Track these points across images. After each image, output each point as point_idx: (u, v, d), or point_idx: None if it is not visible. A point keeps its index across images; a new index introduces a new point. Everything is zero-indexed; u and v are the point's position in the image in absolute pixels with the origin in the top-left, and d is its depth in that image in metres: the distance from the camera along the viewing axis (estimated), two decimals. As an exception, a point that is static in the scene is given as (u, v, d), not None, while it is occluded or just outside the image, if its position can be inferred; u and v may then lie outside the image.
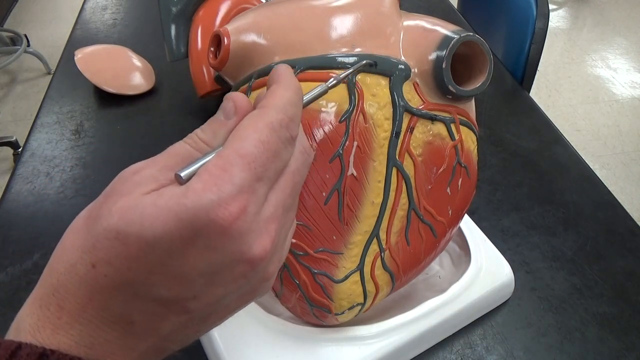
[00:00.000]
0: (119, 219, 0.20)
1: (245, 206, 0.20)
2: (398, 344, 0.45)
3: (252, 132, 0.22)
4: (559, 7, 2.93)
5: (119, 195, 0.21)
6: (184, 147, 0.23)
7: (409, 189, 0.40)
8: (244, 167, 0.21)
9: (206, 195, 0.20)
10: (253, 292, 0.24)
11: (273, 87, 0.24)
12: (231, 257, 0.21)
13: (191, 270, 0.21)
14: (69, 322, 0.20)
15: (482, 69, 0.40)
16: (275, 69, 0.25)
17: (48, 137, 0.74)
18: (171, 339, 0.23)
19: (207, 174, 0.20)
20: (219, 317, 0.24)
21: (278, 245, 0.23)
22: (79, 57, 0.80)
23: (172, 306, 0.21)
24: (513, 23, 0.98)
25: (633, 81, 2.33)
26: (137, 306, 0.21)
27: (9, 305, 0.52)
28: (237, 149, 0.21)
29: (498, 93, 0.85)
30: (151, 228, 0.19)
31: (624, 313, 0.53)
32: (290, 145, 0.23)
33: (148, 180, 0.21)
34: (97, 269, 0.20)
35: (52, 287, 0.21)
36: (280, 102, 0.23)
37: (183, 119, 0.77)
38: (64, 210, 0.63)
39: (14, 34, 2.36)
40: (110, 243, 0.20)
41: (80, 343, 0.20)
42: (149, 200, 0.20)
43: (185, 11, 0.70)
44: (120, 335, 0.21)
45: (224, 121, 0.23)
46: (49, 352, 0.20)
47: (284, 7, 0.41)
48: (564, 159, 0.72)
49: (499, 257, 0.53)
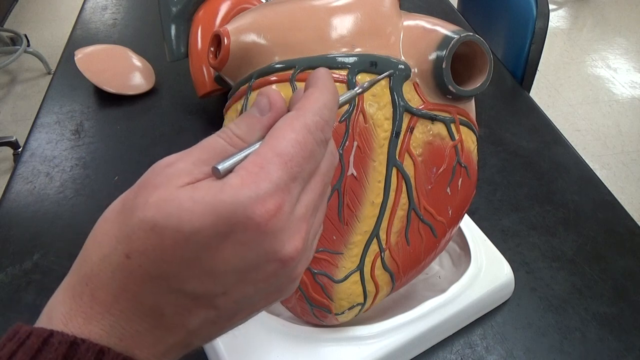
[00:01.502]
0: (155, 211, 0.20)
1: (281, 205, 0.21)
2: (398, 344, 0.45)
3: (290, 132, 0.22)
4: (559, 7, 2.93)
5: (153, 187, 0.21)
6: (218, 141, 0.23)
7: (409, 189, 0.40)
8: (281, 166, 0.21)
9: (244, 191, 0.20)
10: (279, 291, 0.24)
11: (311, 89, 0.25)
12: (264, 255, 0.21)
13: (224, 266, 0.21)
14: (101, 312, 0.21)
15: (482, 69, 0.40)
16: (315, 71, 0.26)
17: (48, 137, 0.74)
18: (197, 335, 0.23)
19: (245, 170, 0.20)
20: (244, 315, 0.24)
21: (307, 246, 0.24)
22: (79, 57, 0.80)
23: (202, 301, 0.22)
24: (513, 23, 0.98)
25: (633, 81, 2.33)
26: (169, 299, 0.21)
27: (9, 305, 0.52)
28: (275, 148, 0.21)
29: (498, 93, 0.85)
30: (189, 222, 0.19)
31: (624, 313, 0.53)
32: (323, 147, 0.24)
33: (182, 173, 0.21)
34: (132, 259, 0.20)
35: (85, 277, 0.21)
36: (317, 105, 0.23)
37: (183, 119, 0.78)
38: (64, 210, 0.63)
39: (14, 34, 2.36)
40: (146, 235, 0.20)
41: (111, 334, 0.21)
42: (186, 193, 0.20)
43: (185, 11, 0.70)
44: (150, 327, 0.21)
45: (259, 117, 0.23)
46: (79, 341, 0.20)
47: (284, 7, 0.41)
48: (564, 159, 0.72)
49: (499, 257, 0.53)
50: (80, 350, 0.20)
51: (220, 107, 0.78)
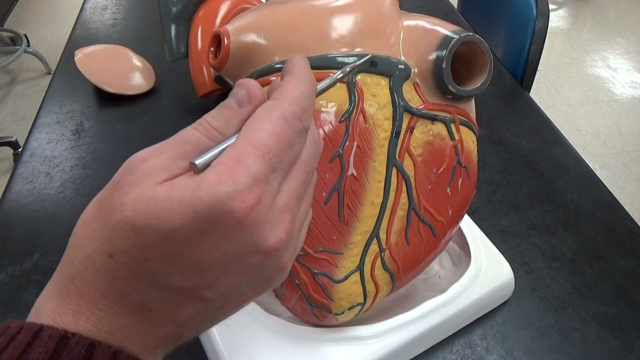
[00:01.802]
0: (133, 211, 0.20)
1: (260, 197, 0.21)
2: (398, 344, 0.45)
3: (267, 123, 0.22)
4: (559, 7, 2.93)
5: (129, 185, 0.20)
6: (195, 134, 0.22)
7: (409, 189, 0.40)
8: (258, 159, 0.21)
9: (221, 187, 0.20)
10: (268, 281, 0.24)
11: (287, 78, 0.24)
12: (246, 248, 0.21)
13: (207, 261, 0.21)
14: (89, 308, 0.21)
15: (482, 69, 0.40)
16: (290, 59, 0.25)
17: (48, 137, 0.74)
18: (187, 326, 0.23)
19: (222, 165, 0.20)
20: (234, 306, 0.24)
21: (293, 235, 0.24)
22: (79, 57, 0.80)
23: (188, 295, 0.22)
24: (513, 23, 0.98)
25: (633, 81, 2.33)
26: (155, 294, 0.21)
27: (9, 305, 0.52)
28: (252, 140, 0.21)
29: (498, 93, 0.85)
30: (168, 221, 0.19)
31: (624, 313, 0.53)
32: (302, 136, 0.23)
33: (158, 169, 0.21)
34: (115, 258, 0.20)
35: (70, 276, 0.21)
36: (294, 94, 0.23)
37: (183, 119, 0.77)
38: (64, 210, 0.63)
39: (14, 34, 2.36)
40: (127, 235, 0.20)
41: (101, 328, 0.21)
42: (163, 192, 0.20)
43: (185, 11, 0.70)
44: (138, 321, 0.21)
45: (237, 109, 0.23)
46: (70, 335, 0.20)
47: (284, 7, 0.41)
48: (564, 159, 0.72)
49: (499, 257, 0.53)
50: (70, 343, 0.20)
51: (220, 107, 0.77)
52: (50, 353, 0.19)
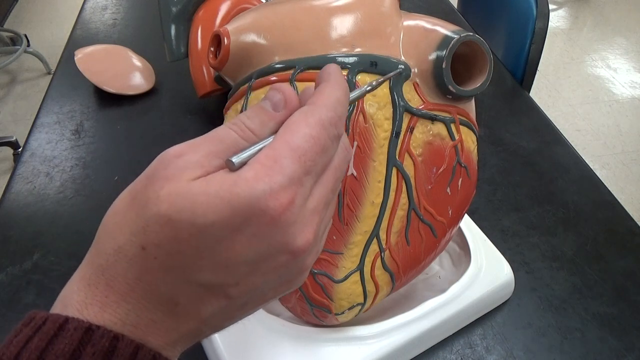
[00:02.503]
0: (169, 205, 0.20)
1: (294, 198, 0.21)
2: (398, 344, 0.45)
3: (304, 127, 0.22)
4: (559, 7, 2.93)
5: (164, 179, 0.21)
6: (230, 133, 0.22)
7: (409, 189, 0.40)
8: (295, 160, 0.21)
9: (258, 184, 0.20)
10: (289, 282, 0.25)
11: (323, 85, 0.25)
12: (276, 247, 0.21)
13: (237, 257, 0.21)
14: (117, 301, 0.21)
15: (482, 69, 0.40)
16: (326, 67, 0.26)
17: (48, 137, 0.74)
18: (209, 323, 0.23)
19: (259, 164, 0.21)
20: (254, 305, 0.25)
21: (318, 239, 0.24)
22: (79, 57, 0.80)
23: (215, 290, 0.22)
24: (513, 23, 0.98)
25: (633, 81, 2.33)
26: (183, 289, 0.21)
27: (9, 305, 0.52)
28: (289, 142, 0.21)
29: (498, 93, 0.85)
30: (203, 216, 0.20)
31: (624, 313, 0.53)
32: (336, 142, 0.24)
33: (193, 165, 0.21)
34: (147, 251, 0.21)
35: (100, 267, 0.21)
36: (330, 101, 0.24)
37: (183, 119, 0.78)
38: (64, 210, 0.63)
39: (14, 34, 2.36)
40: (161, 228, 0.20)
41: (126, 321, 0.21)
42: (199, 187, 0.20)
43: (185, 11, 0.70)
44: (164, 316, 0.22)
45: (273, 113, 0.23)
46: (94, 328, 0.20)
47: (284, 7, 0.41)
48: (564, 159, 0.72)
49: (499, 257, 0.53)
50: (95, 336, 0.20)
51: (220, 107, 0.77)
52: (75, 345, 0.20)
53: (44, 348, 0.19)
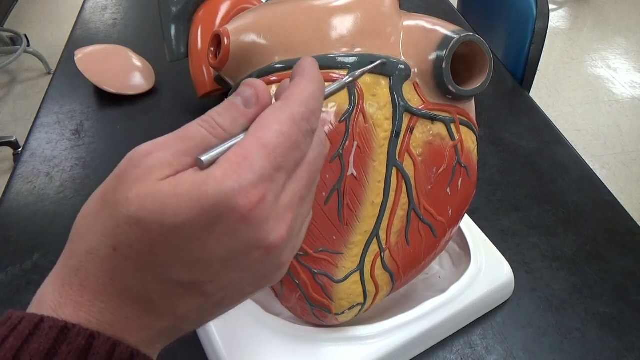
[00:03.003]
0: (138, 206, 0.20)
1: (265, 194, 0.21)
2: (398, 344, 0.45)
3: (275, 123, 0.22)
4: (559, 7, 2.93)
5: (132, 180, 0.21)
6: (200, 131, 0.22)
7: (409, 189, 0.40)
8: (265, 157, 0.21)
9: (227, 182, 0.20)
10: (267, 277, 0.25)
11: (297, 79, 0.25)
12: (248, 243, 0.21)
13: (209, 255, 0.21)
14: (91, 300, 0.21)
15: (482, 69, 0.40)
16: (300, 61, 0.26)
17: (48, 137, 0.74)
18: (187, 320, 0.23)
19: (228, 162, 0.20)
20: (233, 301, 0.25)
21: (293, 234, 0.24)
22: (79, 57, 0.80)
23: (189, 288, 0.22)
24: (513, 23, 0.98)
25: (633, 81, 2.33)
26: (157, 287, 0.21)
27: (9, 305, 0.52)
28: (259, 139, 0.21)
29: (498, 93, 0.85)
30: (173, 216, 0.20)
31: (624, 313, 0.53)
32: (309, 137, 0.24)
33: (162, 165, 0.21)
34: (119, 251, 0.21)
35: (73, 268, 0.21)
36: (303, 95, 0.24)
37: (183, 119, 0.77)
38: (64, 210, 0.63)
39: (14, 34, 2.36)
40: (131, 229, 0.20)
41: (101, 320, 0.21)
42: (168, 187, 0.20)
43: (185, 11, 0.70)
44: (139, 313, 0.22)
45: (244, 109, 0.23)
46: (70, 326, 0.20)
47: (284, 7, 0.41)
48: (564, 159, 0.72)
49: (499, 257, 0.53)
50: (70, 334, 0.20)
51: (220, 107, 0.77)
52: (51, 343, 0.20)
53: (19, 347, 0.19)
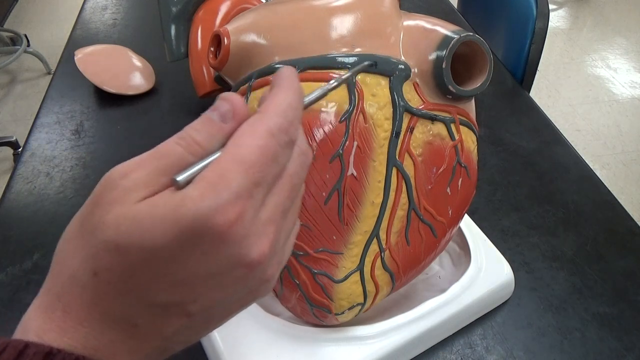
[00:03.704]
0: (115, 230, 0.20)
1: (243, 212, 0.20)
2: (398, 344, 0.45)
3: (251, 138, 0.21)
4: (559, 7, 2.93)
5: (109, 202, 0.20)
6: (176, 149, 0.22)
7: (409, 189, 0.40)
8: (241, 173, 0.20)
9: (204, 202, 0.19)
10: (253, 293, 0.24)
11: (274, 90, 0.24)
12: (229, 262, 0.21)
13: (191, 276, 0.21)
14: (74, 325, 0.21)
15: (482, 69, 0.40)
16: (279, 71, 0.25)
17: (48, 137, 0.74)
18: (174, 340, 0.23)
19: (204, 181, 0.20)
20: (220, 319, 0.24)
21: (277, 248, 0.23)
22: (79, 57, 0.80)
23: (173, 310, 0.22)
24: (513, 23, 0.98)
25: (633, 81, 2.33)
26: (140, 310, 0.21)
27: (9, 305, 0.52)
28: (235, 155, 0.21)
29: (498, 93, 0.85)
30: (151, 239, 0.19)
31: (624, 313, 0.53)
32: (288, 149, 0.23)
33: (138, 186, 0.21)
34: (99, 276, 0.20)
35: (56, 294, 0.21)
36: (280, 106, 0.23)
37: (183, 119, 0.77)
38: (64, 210, 0.63)
39: (14, 34, 2.36)
40: (110, 254, 0.20)
41: (86, 345, 0.21)
42: (145, 210, 0.20)
43: (185, 11, 0.70)
44: (125, 337, 0.21)
45: (220, 125, 0.22)
46: (55, 351, 0.20)
47: (284, 7, 0.41)
48: (564, 159, 0.72)
49: (499, 257, 0.53)
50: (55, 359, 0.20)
51: (220, 107, 0.77)
52: None
53: None
